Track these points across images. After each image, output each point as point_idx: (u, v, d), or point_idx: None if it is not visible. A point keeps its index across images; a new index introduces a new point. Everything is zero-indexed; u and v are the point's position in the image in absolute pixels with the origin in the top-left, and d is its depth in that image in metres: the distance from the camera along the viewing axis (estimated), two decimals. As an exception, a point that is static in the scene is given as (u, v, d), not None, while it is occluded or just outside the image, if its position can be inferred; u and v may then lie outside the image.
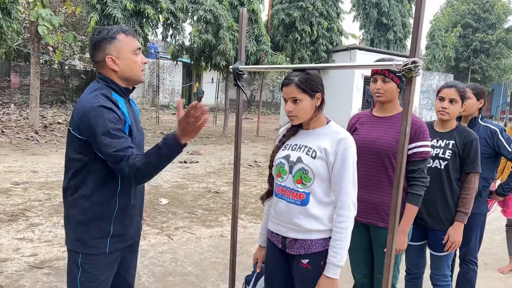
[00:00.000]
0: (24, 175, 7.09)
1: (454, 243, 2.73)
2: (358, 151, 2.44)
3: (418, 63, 1.67)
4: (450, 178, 2.75)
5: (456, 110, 2.77)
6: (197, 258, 4.24)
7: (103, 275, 1.98)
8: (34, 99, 12.62)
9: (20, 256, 4.01)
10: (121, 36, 1.94)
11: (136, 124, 2.05)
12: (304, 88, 1.95)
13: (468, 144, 2.73)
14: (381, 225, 2.44)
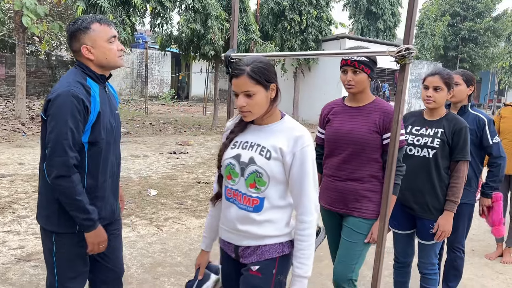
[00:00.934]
0: (11, 167, 7.00)
1: (444, 232, 2.71)
2: (332, 143, 2.45)
3: (412, 50, 1.66)
4: (438, 167, 2.72)
5: (441, 97, 2.73)
6: (187, 249, 4.22)
7: (78, 249, 2.07)
8: (20, 91, 12.43)
9: (7, 249, 3.96)
10: (95, 25, 2.02)
11: (111, 109, 2.14)
12: (258, 79, 1.73)
13: (457, 132, 2.69)
14: (355, 214, 2.40)
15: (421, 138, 2.78)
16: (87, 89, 1.98)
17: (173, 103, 23.58)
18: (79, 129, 1.93)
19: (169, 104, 23.00)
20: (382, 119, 2.30)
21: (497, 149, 3.13)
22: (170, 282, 3.50)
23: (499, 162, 3.12)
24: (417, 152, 2.76)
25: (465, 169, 2.70)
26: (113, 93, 2.30)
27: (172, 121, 15.24)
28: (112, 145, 2.14)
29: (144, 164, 7.93)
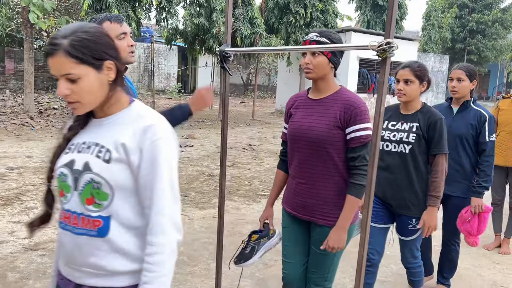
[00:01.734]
0: (19, 160, 7.15)
1: (430, 228, 2.66)
2: (292, 140, 2.22)
3: (392, 44, 1.72)
4: (416, 162, 2.65)
5: (413, 90, 2.65)
6: (189, 239, 4.32)
7: None
8: (28, 85, 12.60)
9: (15, 238, 4.09)
10: (106, 24, 2.15)
11: None
12: (80, 57, 1.25)
13: (432, 125, 2.61)
14: (320, 222, 2.20)
15: (397, 133, 2.71)
16: None
17: (180, 97, 23.69)
18: None
19: (176, 98, 23.11)
20: (343, 112, 2.07)
21: (491, 147, 3.12)
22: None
23: (491, 161, 3.12)
24: (394, 148, 2.70)
25: (443, 163, 2.62)
26: (130, 85, 2.42)
27: (178, 115, 15.32)
28: None
29: (149, 157, 8.04)
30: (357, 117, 2.06)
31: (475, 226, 3.13)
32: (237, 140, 10.64)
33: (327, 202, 2.16)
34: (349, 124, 2.06)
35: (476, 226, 3.13)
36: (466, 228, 3.15)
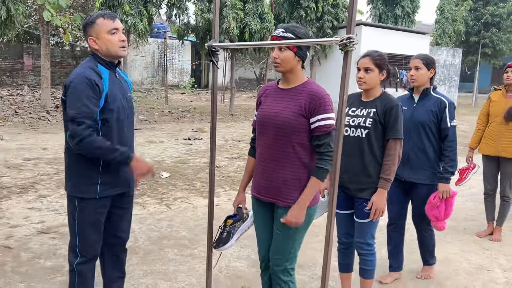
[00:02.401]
0: (35, 152, 7.49)
1: (378, 210, 2.70)
2: (260, 126, 2.37)
3: (353, 39, 1.91)
4: (371, 146, 2.73)
5: (372, 78, 2.74)
6: (192, 225, 4.56)
7: (95, 216, 2.43)
8: (45, 80, 13.00)
9: (29, 223, 4.38)
10: (99, 20, 2.36)
11: (122, 92, 2.47)
12: None
13: (388, 110, 2.69)
14: (280, 204, 2.33)
15: (356, 118, 2.79)
16: (97, 73, 2.33)
17: (193, 92, 23.97)
18: (93, 103, 2.25)
19: (189, 92, 23.40)
20: (308, 102, 2.22)
21: (453, 132, 3.19)
22: (173, 253, 3.85)
23: (454, 146, 3.18)
24: (352, 133, 2.78)
25: (397, 147, 2.69)
26: (125, 78, 2.63)
27: (190, 109, 15.63)
28: (123, 122, 2.47)
29: (159, 149, 8.32)
30: (321, 107, 2.21)
31: (442, 211, 3.21)
32: (245, 134, 10.85)
33: (288, 184, 2.29)
34: (314, 113, 2.22)
35: (444, 211, 3.21)
36: (434, 214, 3.22)
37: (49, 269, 3.42)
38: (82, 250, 2.46)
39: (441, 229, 3.36)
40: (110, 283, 2.72)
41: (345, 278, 3.12)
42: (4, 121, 10.50)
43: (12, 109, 12.55)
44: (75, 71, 2.34)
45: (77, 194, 2.40)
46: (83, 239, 2.46)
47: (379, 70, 2.75)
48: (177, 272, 3.49)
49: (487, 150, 4.46)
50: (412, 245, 3.90)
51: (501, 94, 4.40)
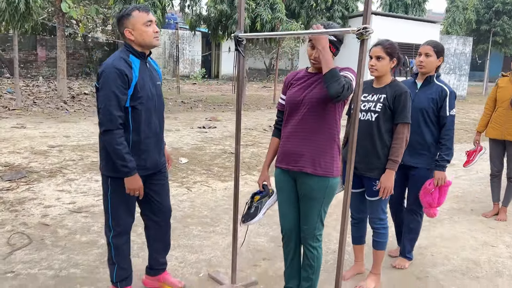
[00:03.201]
0: (58, 139, 7.81)
1: (386, 189, 2.89)
2: (294, 104, 2.59)
3: (368, 29, 2.15)
4: (380, 129, 2.91)
5: (383, 65, 2.92)
6: (212, 205, 4.85)
7: (126, 194, 2.64)
8: (61, 71, 13.32)
9: (61, 203, 4.70)
10: (135, 12, 2.57)
11: (152, 80, 2.69)
12: None
13: (397, 96, 2.86)
14: (309, 171, 2.53)
15: (367, 103, 2.98)
16: (128, 63, 2.53)
17: (204, 82, 24.23)
18: (122, 93, 2.48)
19: (200, 83, 23.66)
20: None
21: (451, 121, 3.27)
22: (197, 230, 4.14)
23: (451, 135, 3.28)
24: (363, 117, 2.96)
25: (404, 131, 2.88)
26: (156, 68, 2.84)
27: (202, 99, 15.90)
28: (153, 109, 2.68)
29: (176, 137, 8.61)
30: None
31: (436, 198, 3.30)
32: (258, 122, 11.11)
33: (319, 155, 2.52)
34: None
35: (437, 198, 3.31)
36: (428, 200, 3.32)
37: (86, 243, 3.73)
38: (114, 225, 2.72)
39: (432, 216, 3.44)
40: (154, 253, 3.01)
41: (358, 249, 3.39)
42: (24, 111, 10.85)
43: (30, 99, 12.90)
44: (107, 61, 2.55)
45: (109, 174, 2.63)
46: (115, 215, 2.71)
47: (390, 58, 2.93)
48: (202, 246, 3.78)
49: (493, 133, 4.67)
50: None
51: (508, 80, 4.60)
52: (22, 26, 10.84)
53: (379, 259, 3.19)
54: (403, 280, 3.34)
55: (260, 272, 3.38)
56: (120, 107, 2.50)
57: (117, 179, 2.61)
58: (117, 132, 2.49)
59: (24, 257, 3.43)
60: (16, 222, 4.12)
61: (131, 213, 2.78)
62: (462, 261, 3.70)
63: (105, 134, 2.50)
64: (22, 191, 4.98)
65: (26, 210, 4.43)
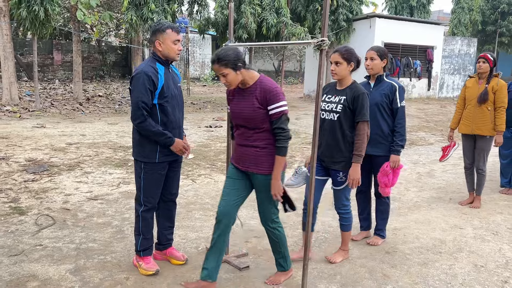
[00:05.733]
0: (75, 137, 8.46)
1: (354, 180, 3.33)
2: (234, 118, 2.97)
3: (325, 41, 2.68)
4: (342, 127, 3.33)
5: (342, 70, 3.32)
6: (214, 194, 5.40)
7: (156, 175, 3.26)
8: (77, 75, 14.04)
9: (80, 192, 5.30)
10: (169, 30, 3.19)
11: (174, 83, 3.30)
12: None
13: (356, 97, 3.27)
14: (255, 171, 2.94)
15: (330, 104, 3.39)
16: (155, 69, 3.12)
17: (214, 84, 24.86)
18: (149, 94, 3.08)
19: (209, 84, 24.30)
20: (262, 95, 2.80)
21: (402, 111, 3.74)
22: (199, 214, 4.70)
23: (403, 124, 3.75)
24: (327, 116, 3.39)
25: (365, 128, 3.28)
26: (176, 72, 3.46)
27: (211, 100, 16.51)
28: (176, 106, 3.29)
29: (184, 136, 9.19)
30: (272, 99, 2.79)
31: (390, 179, 3.78)
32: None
33: (260, 157, 2.92)
34: (268, 103, 2.80)
35: (391, 179, 3.79)
36: (384, 181, 3.78)
37: (102, 224, 4.31)
38: (145, 201, 3.31)
39: (386, 194, 3.89)
40: (162, 230, 3.58)
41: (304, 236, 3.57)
42: (43, 112, 11.55)
43: (48, 101, 13.63)
44: (138, 67, 3.15)
45: (142, 159, 3.23)
46: (146, 193, 3.29)
47: (347, 63, 3.31)
48: (202, 227, 4.34)
49: (464, 129, 5.15)
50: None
51: (474, 81, 5.09)
52: (41, 32, 11.55)
53: (346, 239, 3.67)
54: (373, 253, 3.85)
55: (250, 246, 3.92)
56: (148, 104, 3.11)
57: (148, 163, 3.23)
58: (149, 121, 3.11)
59: (49, 234, 4.02)
60: (41, 207, 4.72)
61: (159, 192, 3.37)
62: (430, 240, 4.19)
63: (139, 125, 3.12)
64: (45, 182, 5.60)
65: (49, 198, 5.03)
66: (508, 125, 5.76)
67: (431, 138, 10.17)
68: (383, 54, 3.78)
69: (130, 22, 12.32)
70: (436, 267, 3.61)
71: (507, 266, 3.68)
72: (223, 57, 2.76)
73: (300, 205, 3.64)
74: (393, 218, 4.74)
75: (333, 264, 3.61)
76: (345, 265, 3.60)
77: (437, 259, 3.78)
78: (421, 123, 12.45)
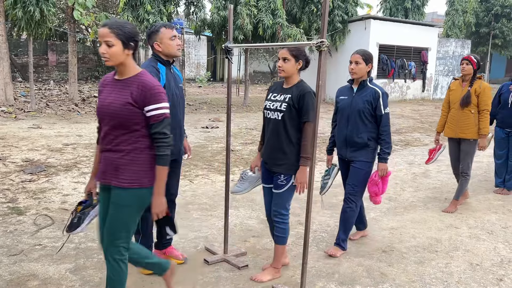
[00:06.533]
0: (72, 138, 8.45)
1: (301, 184, 3.09)
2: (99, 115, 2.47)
3: (324, 42, 2.71)
4: (286, 128, 3.11)
5: (289, 66, 3.10)
6: (211, 194, 5.43)
7: None
8: (72, 75, 14.01)
9: (78, 192, 5.30)
10: (162, 29, 3.23)
11: (175, 83, 3.32)
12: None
13: (301, 96, 3.05)
14: (114, 183, 2.42)
15: (275, 103, 3.18)
16: (157, 69, 3.15)
17: (209, 85, 24.88)
18: None
19: (205, 86, 24.31)
20: (139, 93, 2.36)
21: (386, 118, 3.61)
22: (197, 214, 4.73)
23: (388, 131, 3.63)
24: (272, 116, 3.18)
25: (310, 129, 3.00)
26: (178, 73, 3.47)
27: (207, 101, 16.53)
28: (177, 106, 3.29)
29: (180, 136, 9.21)
30: (151, 99, 2.35)
31: (380, 187, 3.72)
32: (258, 123, 11.68)
33: (123, 166, 2.41)
34: (146, 104, 2.35)
35: (381, 187, 3.73)
36: (374, 190, 3.71)
37: (100, 224, 4.33)
38: None
39: (377, 203, 3.85)
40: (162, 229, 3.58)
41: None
42: (39, 113, 11.53)
43: (44, 102, 13.59)
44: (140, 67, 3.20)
45: None
46: None
47: (295, 60, 3.10)
48: (201, 226, 4.37)
49: (449, 132, 5.07)
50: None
51: (458, 83, 5.02)
52: (37, 33, 11.52)
53: (278, 254, 3.32)
54: (370, 252, 3.90)
55: (249, 246, 3.96)
56: None
57: None
58: None
59: (48, 234, 4.04)
60: (39, 207, 4.73)
61: None
62: (426, 239, 4.24)
63: None
64: (43, 182, 5.60)
65: (47, 198, 5.04)
66: (502, 126, 5.85)
67: (426, 139, 10.25)
68: (368, 59, 3.64)
69: (126, 23, 12.29)
70: (433, 266, 3.66)
71: (502, 264, 3.74)
72: (119, 25, 2.34)
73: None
74: (389, 217, 4.81)
75: (329, 263, 3.66)
76: (343, 264, 3.64)
77: (433, 257, 3.83)
78: (416, 124, 12.54)
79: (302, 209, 4.65)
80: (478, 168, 7.27)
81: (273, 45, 3.15)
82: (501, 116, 5.83)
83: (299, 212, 4.71)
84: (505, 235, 4.39)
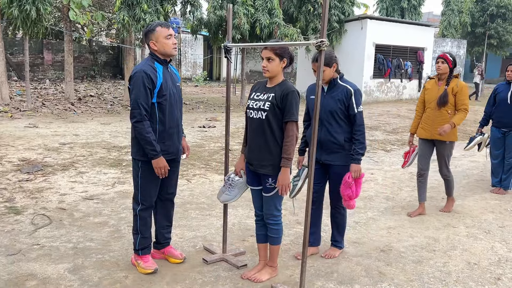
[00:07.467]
0: (68, 137, 8.42)
1: (283, 186, 3.01)
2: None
3: (324, 42, 2.72)
4: (271, 127, 3.03)
5: (274, 66, 3.03)
6: (209, 194, 5.43)
7: (153, 174, 3.24)
8: (68, 74, 13.96)
9: (75, 192, 5.29)
10: (158, 28, 3.22)
11: (172, 82, 3.32)
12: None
13: (284, 95, 2.98)
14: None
15: (258, 102, 3.09)
16: (154, 68, 3.16)
17: (206, 84, 24.85)
18: (148, 93, 3.10)
19: (201, 85, 24.29)
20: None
21: (360, 117, 3.44)
22: (195, 213, 4.73)
23: (362, 130, 3.46)
24: (255, 115, 3.08)
25: (293, 129, 2.98)
26: (175, 72, 3.47)
27: (203, 101, 16.52)
28: (174, 105, 3.30)
29: (177, 136, 9.20)
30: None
31: (354, 190, 3.48)
32: (256, 122, 11.66)
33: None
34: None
35: (355, 190, 3.49)
36: (348, 193, 3.48)
37: (98, 223, 4.32)
38: (142, 200, 3.32)
39: (352, 208, 3.59)
40: (160, 229, 3.59)
41: (262, 248, 3.41)
42: (35, 112, 11.48)
43: (39, 101, 13.54)
44: (137, 66, 3.18)
45: (140, 158, 3.23)
46: (143, 192, 3.30)
47: (280, 59, 3.02)
48: (199, 226, 4.37)
49: (423, 134, 4.84)
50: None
51: (434, 82, 4.76)
52: (33, 32, 11.47)
53: (274, 253, 3.32)
54: (369, 252, 3.91)
55: (247, 245, 3.96)
56: (147, 102, 3.13)
57: (146, 162, 3.22)
58: (146, 123, 3.11)
59: (46, 233, 4.02)
60: (37, 206, 4.71)
61: (156, 191, 3.39)
62: (424, 238, 4.26)
63: (135, 124, 3.12)
64: (40, 182, 5.58)
65: (44, 197, 5.02)
66: (498, 126, 5.88)
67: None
68: (329, 62, 3.42)
69: (122, 22, 12.26)
70: (431, 265, 3.67)
71: (499, 263, 3.76)
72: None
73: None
74: (387, 217, 4.82)
75: (328, 262, 3.67)
76: (341, 263, 3.65)
77: (431, 257, 3.84)
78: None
79: (301, 208, 4.66)
80: (474, 167, 7.31)
81: (273, 44, 3.10)
82: (497, 116, 5.86)
83: (297, 211, 4.71)
84: (502, 234, 4.42)
